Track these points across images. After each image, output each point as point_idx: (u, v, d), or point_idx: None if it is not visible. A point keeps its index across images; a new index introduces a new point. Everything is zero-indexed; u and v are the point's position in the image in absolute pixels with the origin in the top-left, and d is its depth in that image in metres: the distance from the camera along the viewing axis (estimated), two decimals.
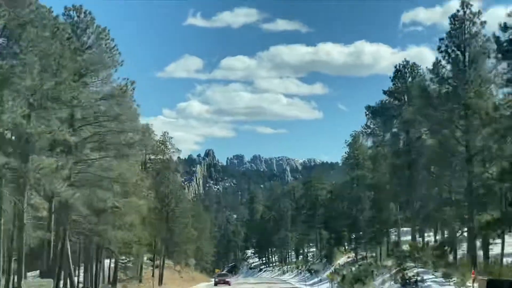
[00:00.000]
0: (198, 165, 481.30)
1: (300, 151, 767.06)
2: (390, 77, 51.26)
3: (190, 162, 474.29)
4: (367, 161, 74.07)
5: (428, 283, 34.08)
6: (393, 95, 51.10)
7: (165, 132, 77.94)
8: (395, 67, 51.43)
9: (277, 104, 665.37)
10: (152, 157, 77.06)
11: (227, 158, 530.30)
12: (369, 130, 68.07)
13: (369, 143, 72.15)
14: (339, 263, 76.17)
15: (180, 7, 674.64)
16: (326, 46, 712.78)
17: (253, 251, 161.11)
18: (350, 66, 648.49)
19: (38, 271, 42.85)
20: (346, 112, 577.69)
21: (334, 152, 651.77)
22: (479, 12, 35.15)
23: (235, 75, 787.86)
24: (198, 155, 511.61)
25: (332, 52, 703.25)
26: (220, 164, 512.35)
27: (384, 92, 51.83)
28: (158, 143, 76.15)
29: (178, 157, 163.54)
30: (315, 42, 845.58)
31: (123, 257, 61.84)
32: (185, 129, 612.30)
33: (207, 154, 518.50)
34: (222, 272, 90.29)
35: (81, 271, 49.20)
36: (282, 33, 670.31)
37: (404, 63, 51.53)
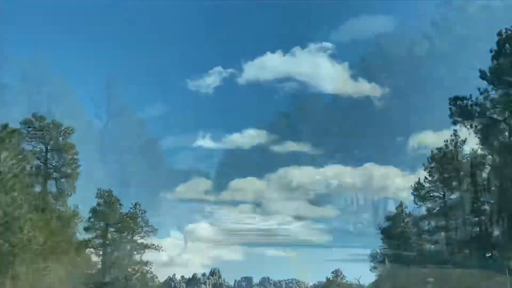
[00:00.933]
0: (202, 285, 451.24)
1: (310, 274, 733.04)
2: (490, 50, 29.98)
3: (194, 281, 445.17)
4: None
5: None
6: (497, 78, 29.39)
7: (136, 203, 55.94)
8: (498, 34, 30.32)
9: (286, 226, 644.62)
10: (116, 236, 55.09)
11: (235, 280, 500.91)
12: (424, 191, 47.42)
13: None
14: None
15: (189, 132, 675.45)
16: (335, 168, 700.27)
17: None
18: (360, 188, 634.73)
19: None
20: (356, 235, 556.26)
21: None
22: None
23: (244, 196, 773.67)
24: (203, 274, 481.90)
25: (341, 174, 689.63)
26: (226, 284, 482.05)
27: (483, 76, 29.95)
28: (124, 217, 54.25)
29: (182, 276, 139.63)
30: (324, 164, 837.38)
31: None
32: (193, 251, 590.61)
33: (213, 273, 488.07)
34: None
35: None
36: (291, 155, 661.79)
37: (510, 32, 30.56)
